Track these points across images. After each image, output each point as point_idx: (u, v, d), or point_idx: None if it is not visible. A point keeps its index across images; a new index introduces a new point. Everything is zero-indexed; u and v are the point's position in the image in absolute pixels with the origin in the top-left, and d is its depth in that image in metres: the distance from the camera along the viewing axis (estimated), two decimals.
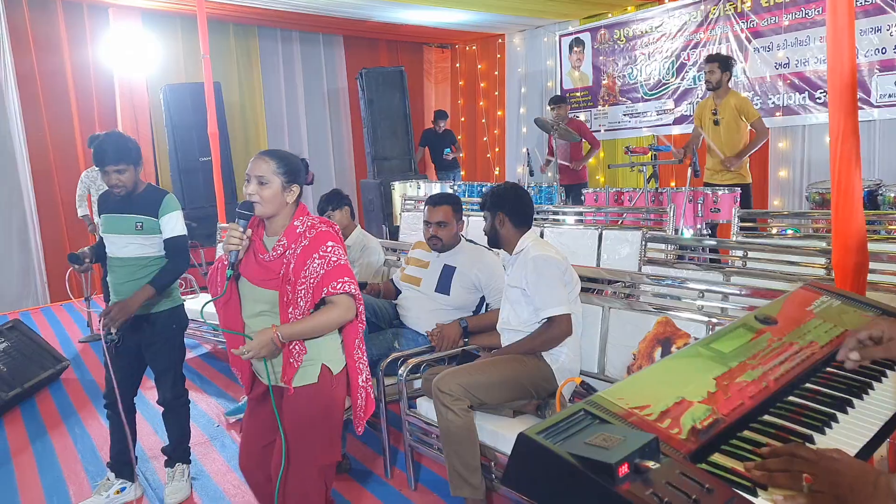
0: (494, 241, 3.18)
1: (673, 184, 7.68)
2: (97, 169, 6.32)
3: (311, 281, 2.22)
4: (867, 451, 1.22)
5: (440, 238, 3.57)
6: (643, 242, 3.93)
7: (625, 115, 8.68)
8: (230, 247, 2.27)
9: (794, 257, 3.45)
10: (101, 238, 3.17)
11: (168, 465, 3.33)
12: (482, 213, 3.19)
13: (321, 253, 2.24)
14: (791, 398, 1.33)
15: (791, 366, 1.40)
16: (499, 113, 10.43)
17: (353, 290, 2.28)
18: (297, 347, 2.25)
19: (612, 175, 8.73)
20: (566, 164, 7.09)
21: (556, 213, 5.42)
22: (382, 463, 3.39)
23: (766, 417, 1.26)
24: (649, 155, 5.47)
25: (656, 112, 8.29)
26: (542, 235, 5.26)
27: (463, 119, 11.10)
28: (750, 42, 7.22)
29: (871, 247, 3.61)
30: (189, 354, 5.56)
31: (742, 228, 4.72)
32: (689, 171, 5.10)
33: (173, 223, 3.07)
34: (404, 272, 3.84)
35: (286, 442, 2.26)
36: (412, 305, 3.66)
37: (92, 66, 7.93)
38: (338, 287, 2.24)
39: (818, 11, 6.62)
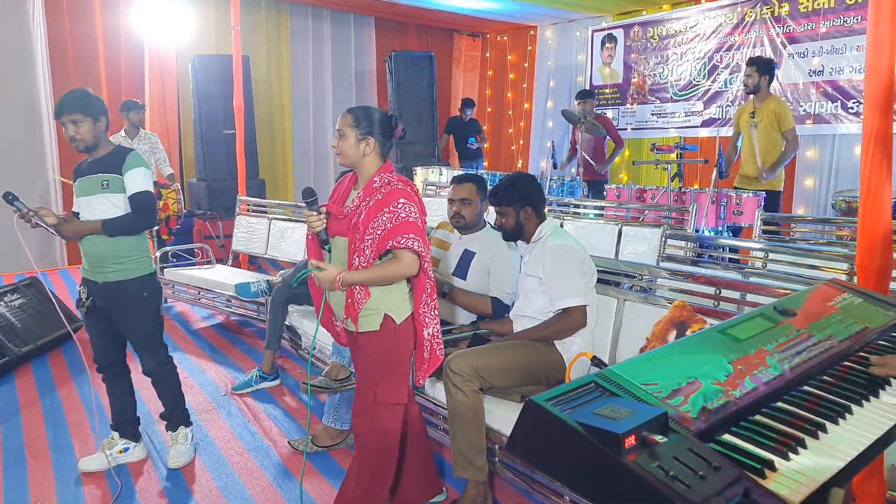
0: (517, 234, 3.14)
1: (696, 185, 7.60)
2: (122, 135, 6.41)
3: (379, 232, 2.37)
4: (879, 446, 1.20)
5: (463, 216, 3.56)
6: (663, 238, 3.88)
7: (652, 114, 8.59)
8: (315, 229, 2.51)
9: (815, 261, 3.39)
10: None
11: (170, 429, 3.33)
12: (497, 209, 3.11)
13: (391, 208, 2.38)
14: (806, 388, 1.30)
15: (808, 357, 1.38)
16: (525, 105, 10.36)
17: (418, 248, 2.41)
18: (359, 292, 2.43)
19: (636, 173, 8.65)
20: (589, 159, 7.03)
21: (577, 206, 5.38)
22: None
23: (780, 404, 1.23)
24: (675, 154, 5.40)
25: (684, 113, 8.20)
26: (562, 223, 5.23)
27: (489, 109, 11.05)
28: (785, 47, 7.11)
29: None
30: (202, 324, 5.60)
31: (765, 232, 4.66)
32: (714, 172, 5.03)
33: (136, 179, 2.97)
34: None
35: (358, 381, 2.53)
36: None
37: (123, 33, 7.97)
38: (402, 242, 2.37)
39: (857, 20, 6.51)
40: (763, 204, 5.10)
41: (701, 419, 1.11)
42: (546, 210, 3.24)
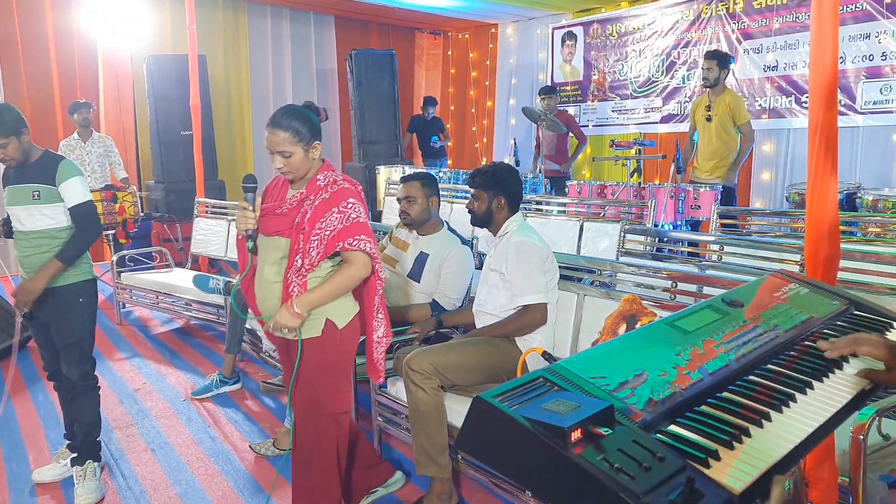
0: (486, 221, 3.12)
1: (657, 181, 7.70)
2: (76, 138, 6.26)
3: (327, 233, 2.28)
4: (823, 431, 1.22)
5: (409, 213, 3.58)
6: (622, 234, 3.92)
7: (613, 111, 8.68)
8: (246, 226, 2.40)
9: (769, 253, 3.46)
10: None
11: (77, 463, 3.02)
12: (473, 192, 3.10)
13: (341, 208, 2.30)
14: (752, 377, 1.32)
15: (754, 347, 1.40)
16: (488, 103, 10.39)
17: (370, 249, 2.34)
18: (296, 291, 2.31)
19: (598, 169, 8.74)
20: (552, 155, 7.07)
21: (539, 203, 5.40)
22: None
23: (726, 394, 1.25)
24: (634, 150, 5.46)
25: (644, 109, 8.30)
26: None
27: (452, 107, 11.06)
28: (740, 43, 7.24)
29: (846, 246, 3.64)
30: (161, 329, 5.50)
31: (724, 226, 4.74)
32: (672, 167, 5.10)
33: (74, 190, 2.86)
34: (384, 251, 3.82)
35: (298, 387, 2.40)
36: (389, 285, 3.64)
37: (75, 33, 7.78)
38: (354, 244, 2.30)
39: (808, 16, 6.64)
40: (720, 198, 5.19)
41: (647, 411, 1.11)
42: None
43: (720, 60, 5.75)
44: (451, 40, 10.99)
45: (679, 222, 5.23)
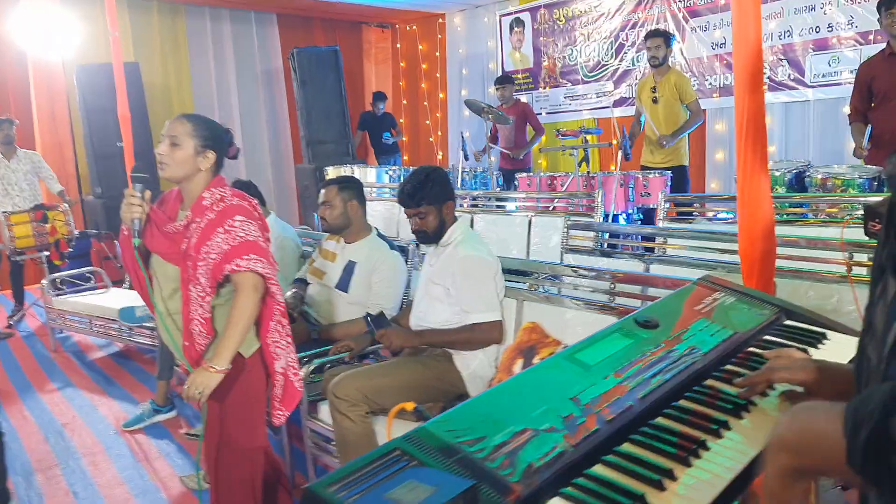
0: (441, 234, 2.82)
1: (613, 167, 7.55)
2: None
3: (213, 256, 2.07)
4: (746, 478, 1.04)
5: (325, 219, 3.38)
6: (565, 230, 3.74)
7: (565, 97, 8.51)
8: (132, 215, 2.14)
9: (718, 244, 3.30)
10: None
11: None
12: (418, 211, 2.77)
13: (226, 227, 2.08)
14: (658, 420, 1.14)
15: (665, 378, 1.22)
16: (440, 95, 10.16)
17: (262, 269, 2.10)
18: (199, 332, 2.12)
19: (553, 159, 8.57)
20: (508, 150, 6.89)
21: (488, 199, 5.21)
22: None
23: (624, 447, 1.06)
24: (580, 138, 5.29)
25: (596, 94, 8.14)
26: (472, 224, 5.07)
27: (405, 101, 10.81)
28: (687, 21, 7.10)
29: (796, 231, 3.50)
30: (99, 354, 5.22)
31: (680, 214, 4.53)
32: (620, 154, 4.94)
33: None
34: (313, 264, 3.60)
35: (207, 424, 2.23)
36: (317, 300, 3.43)
37: (3, 44, 7.40)
38: (242, 265, 2.07)
39: None
40: (670, 182, 5.05)
41: (526, 483, 0.93)
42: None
43: (666, 38, 5.61)
44: (398, 33, 10.72)
45: (630, 210, 5.08)
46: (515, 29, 8.93)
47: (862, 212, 3.28)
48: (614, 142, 5.37)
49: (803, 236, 2.79)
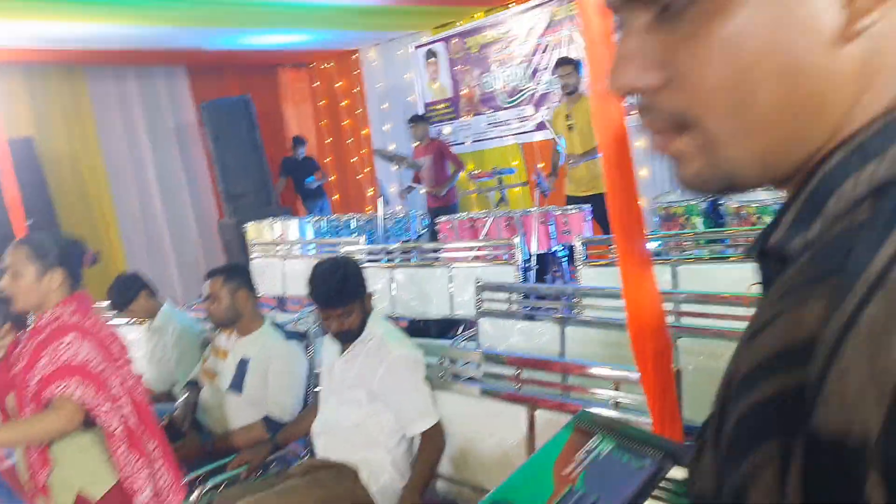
0: (361, 331, 2.56)
1: (539, 205, 7.40)
2: None
3: (35, 382, 1.92)
4: None
5: (211, 314, 3.11)
6: (477, 291, 3.52)
7: (488, 124, 8.36)
8: None
9: None
10: None
11: None
12: (336, 312, 2.49)
13: (53, 349, 1.93)
14: None
15: None
16: (363, 132, 9.93)
17: (80, 396, 1.90)
18: (35, 460, 1.93)
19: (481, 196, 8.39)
20: (430, 189, 6.70)
21: (405, 252, 4.97)
22: None
23: None
24: (494, 179, 5.11)
25: (518, 120, 8.00)
26: (392, 280, 4.84)
27: (329, 140, 10.54)
28: None
29: (713, 270, 3.35)
30: None
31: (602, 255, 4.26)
32: (536, 191, 4.77)
33: None
34: (205, 363, 3.30)
35: None
36: (210, 405, 3.14)
37: None
38: (56, 391, 1.89)
39: None
40: (591, 214, 4.89)
41: None
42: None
43: (577, 65, 5.52)
44: (315, 72, 10.47)
45: (555, 248, 4.91)
46: (430, 60, 8.77)
47: None
48: (536, 177, 5.20)
49: (711, 292, 2.62)
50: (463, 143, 8.55)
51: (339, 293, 2.48)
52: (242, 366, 3.09)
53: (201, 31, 7.57)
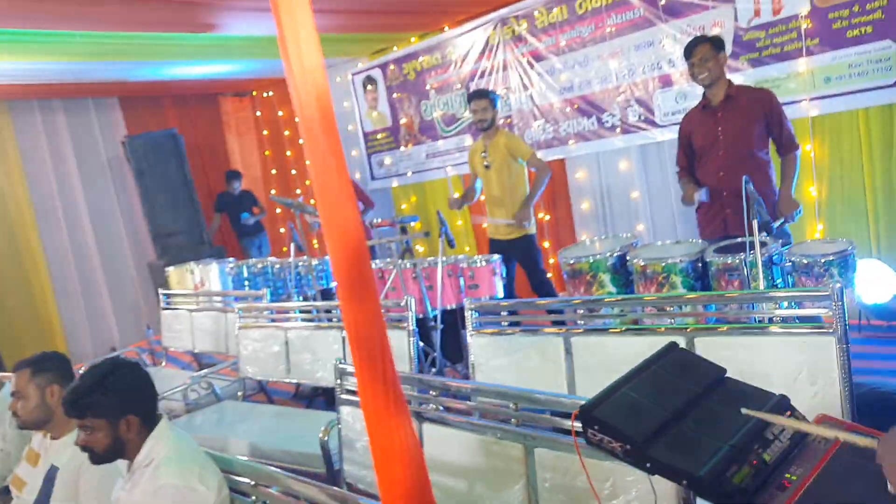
0: (117, 455, 2.20)
1: (440, 256, 6.99)
2: None
3: None
4: None
5: (16, 412, 2.70)
6: (335, 375, 3.08)
7: (427, 155, 7.95)
8: None
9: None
10: None
11: None
12: (80, 423, 2.15)
13: None
14: None
15: None
16: (307, 162, 9.47)
17: None
18: None
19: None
20: None
21: (304, 311, 4.52)
22: None
23: None
24: (398, 230, 4.70)
25: (457, 150, 7.59)
26: (286, 341, 4.40)
27: (274, 171, 10.11)
28: (533, 67, 6.62)
29: (622, 342, 2.91)
30: None
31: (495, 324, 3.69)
32: (441, 241, 4.34)
33: None
34: (17, 471, 2.85)
35: None
36: None
37: None
38: None
39: (591, 29, 6.09)
40: (503, 268, 4.47)
41: None
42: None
43: (493, 99, 5.13)
44: (257, 100, 10.06)
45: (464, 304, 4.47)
46: (368, 87, 8.37)
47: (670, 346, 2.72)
48: (428, 233, 4.78)
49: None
50: (404, 174, 8.16)
51: (75, 402, 2.12)
52: (51, 476, 2.64)
53: (133, 63, 7.16)
